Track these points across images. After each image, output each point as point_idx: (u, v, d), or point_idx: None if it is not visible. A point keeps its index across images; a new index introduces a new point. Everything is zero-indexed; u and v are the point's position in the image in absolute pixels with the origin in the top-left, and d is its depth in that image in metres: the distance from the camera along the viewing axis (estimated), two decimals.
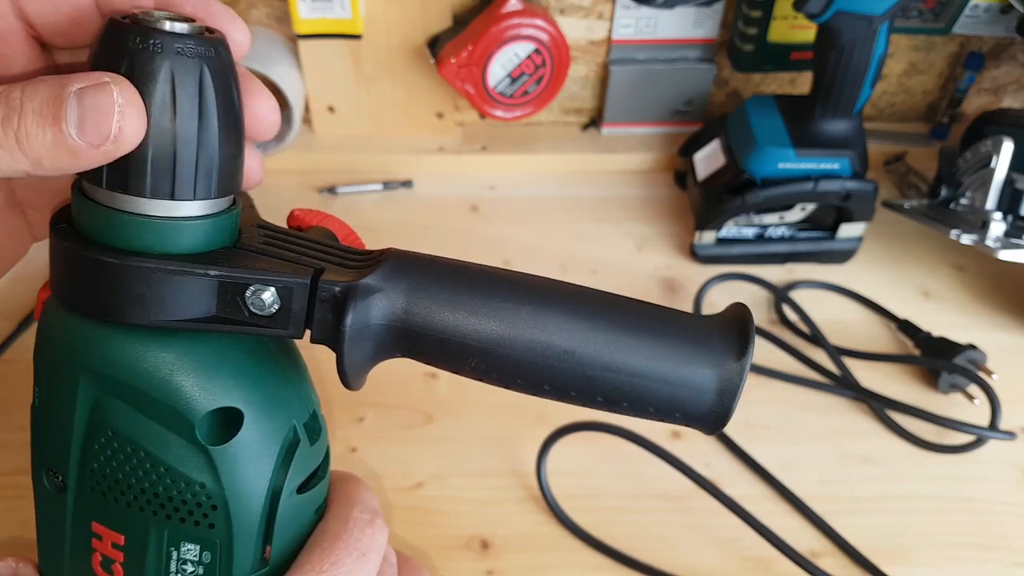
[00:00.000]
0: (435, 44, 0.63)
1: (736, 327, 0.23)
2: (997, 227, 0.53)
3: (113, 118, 0.19)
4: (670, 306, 0.24)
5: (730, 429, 0.50)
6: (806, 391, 0.53)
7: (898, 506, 0.47)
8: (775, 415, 0.51)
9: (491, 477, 0.47)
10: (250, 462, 0.23)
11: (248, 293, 0.21)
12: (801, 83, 0.71)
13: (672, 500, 0.46)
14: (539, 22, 0.60)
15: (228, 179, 0.22)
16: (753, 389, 0.53)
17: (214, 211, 0.22)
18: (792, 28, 0.63)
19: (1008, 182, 0.54)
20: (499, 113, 0.64)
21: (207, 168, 0.21)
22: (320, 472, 0.26)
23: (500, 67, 0.61)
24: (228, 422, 0.23)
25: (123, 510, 0.23)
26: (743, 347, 0.22)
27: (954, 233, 0.54)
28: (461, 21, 0.63)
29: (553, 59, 0.62)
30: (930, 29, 0.65)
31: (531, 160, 0.69)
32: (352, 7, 0.59)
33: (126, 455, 0.22)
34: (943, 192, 0.57)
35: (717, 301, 0.58)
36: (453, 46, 0.61)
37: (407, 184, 0.66)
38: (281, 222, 0.26)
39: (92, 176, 0.21)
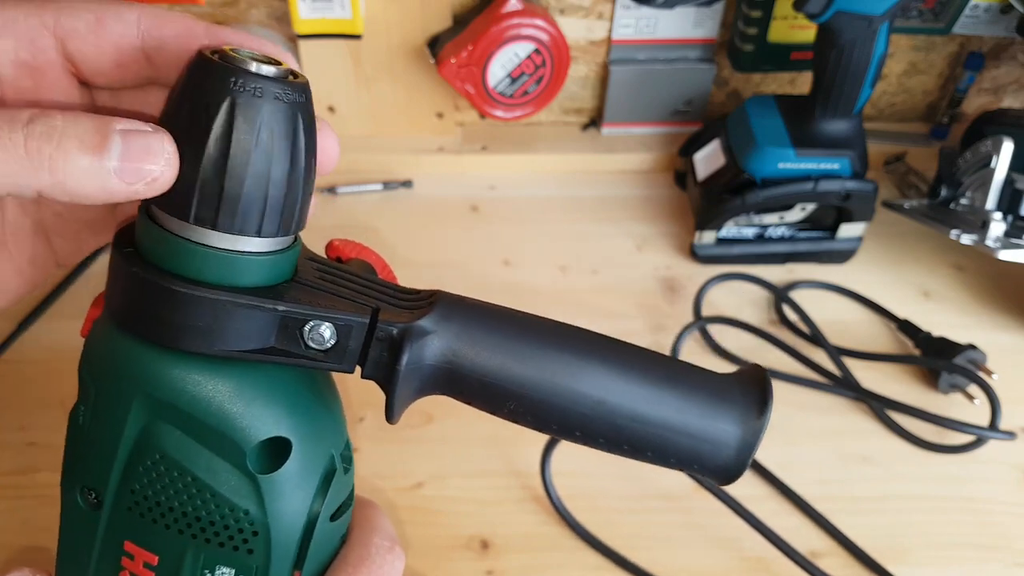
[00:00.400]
0: (435, 44, 0.63)
1: (757, 387, 0.25)
2: (997, 227, 0.53)
3: (160, 162, 0.20)
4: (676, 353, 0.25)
5: None
6: (806, 391, 0.53)
7: (898, 506, 0.47)
8: (775, 415, 0.50)
9: (491, 477, 0.47)
10: (294, 490, 0.24)
11: (307, 328, 0.22)
12: (801, 83, 0.71)
13: (672, 500, 0.46)
14: (539, 22, 0.60)
15: (302, 218, 0.23)
16: None
17: (283, 247, 0.23)
18: (792, 28, 0.63)
19: (1008, 182, 0.54)
20: (499, 113, 0.64)
21: (291, 208, 0.22)
22: (349, 500, 0.27)
23: (500, 67, 0.61)
24: (277, 451, 0.23)
25: (160, 531, 0.23)
26: (763, 407, 0.24)
27: (954, 233, 0.54)
28: (461, 21, 0.63)
29: (553, 59, 0.62)
30: (930, 29, 0.65)
31: (531, 160, 0.69)
32: (352, 7, 0.59)
33: (172, 479, 0.22)
34: (943, 192, 0.57)
35: (717, 301, 0.58)
36: (453, 46, 0.61)
37: (407, 184, 0.66)
38: None
39: (171, 206, 0.21)
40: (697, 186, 0.62)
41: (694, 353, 0.55)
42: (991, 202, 0.54)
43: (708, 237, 0.60)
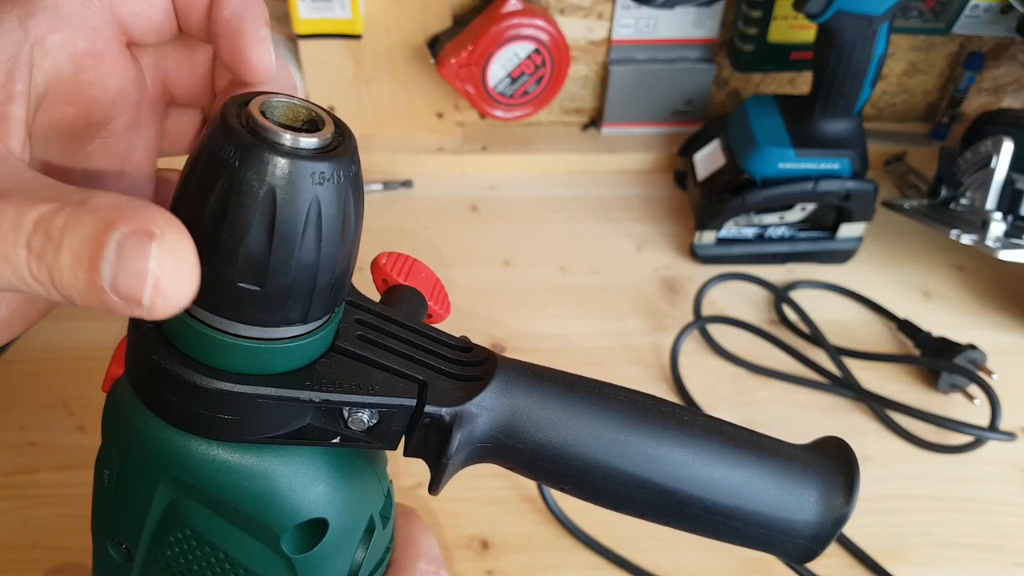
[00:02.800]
0: (435, 44, 0.63)
1: (842, 470, 0.22)
2: (997, 227, 0.53)
3: (146, 287, 0.16)
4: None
5: None
6: (806, 391, 0.53)
7: (898, 506, 0.47)
8: (776, 415, 0.51)
9: (491, 478, 0.47)
10: (330, 563, 0.22)
11: (345, 411, 0.20)
12: (801, 83, 0.71)
13: None
14: (539, 22, 0.60)
15: (344, 295, 0.20)
16: (754, 389, 0.53)
17: (325, 322, 0.20)
18: (792, 28, 0.64)
19: (1008, 182, 0.54)
20: (499, 113, 0.64)
21: (339, 288, 0.19)
22: (388, 549, 0.26)
23: (500, 67, 0.61)
24: (313, 531, 0.22)
25: None
26: (849, 494, 0.22)
27: (954, 233, 0.54)
28: (461, 21, 0.63)
29: (553, 59, 0.62)
30: (930, 29, 0.65)
31: (531, 160, 0.69)
32: (352, 7, 0.59)
33: (203, 553, 0.21)
34: (943, 192, 0.57)
35: (717, 301, 0.58)
36: (453, 46, 0.61)
37: (407, 184, 0.66)
38: None
39: (198, 298, 0.18)
40: (697, 186, 0.62)
41: (694, 352, 0.55)
42: (991, 202, 0.54)
43: (708, 237, 0.60)
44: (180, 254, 0.16)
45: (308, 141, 0.17)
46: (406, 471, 0.47)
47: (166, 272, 0.16)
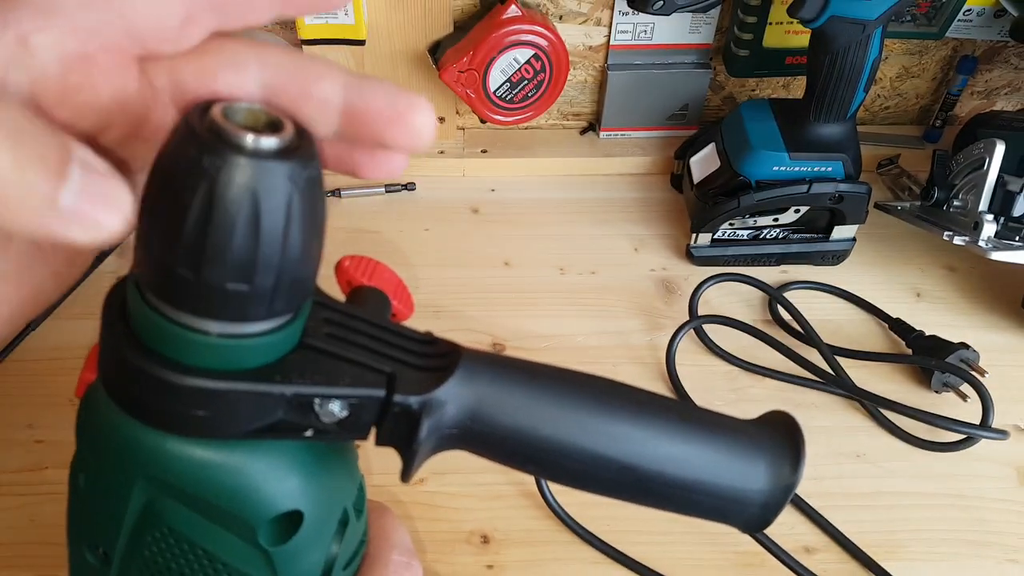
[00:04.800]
0: (436, 50, 0.64)
1: (788, 442, 0.24)
2: (989, 228, 0.54)
3: (116, 216, 0.17)
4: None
5: None
6: (800, 390, 0.54)
7: (891, 502, 0.48)
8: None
9: (491, 473, 0.48)
10: (306, 554, 0.23)
11: (316, 403, 0.21)
12: (795, 87, 0.72)
13: None
14: (538, 28, 0.61)
15: (311, 288, 0.21)
16: (748, 388, 0.54)
17: (292, 319, 0.20)
18: (787, 33, 0.64)
19: (1000, 184, 0.54)
20: (499, 117, 0.65)
21: (304, 284, 0.20)
22: (363, 538, 0.26)
23: (500, 72, 0.62)
24: (289, 523, 0.22)
25: None
26: (796, 464, 0.23)
27: (947, 234, 0.55)
28: (462, 27, 0.64)
29: (552, 64, 0.63)
30: (923, 34, 0.66)
31: (531, 163, 0.69)
32: (356, 13, 0.60)
33: (182, 550, 0.22)
34: (936, 194, 0.58)
35: (712, 301, 0.59)
36: (454, 52, 0.62)
37: (409, 187, 0.67)
38: None
39: (164, 294, 0.18)
40: (693, 189, 0.62)
41: (690, 351, 0.55)
42: (983, 204, 0.55)
43: (704, 239, 0.61)
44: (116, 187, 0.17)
45: (268, 142, 0.17)
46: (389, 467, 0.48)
47: (128, 208, 0.17)
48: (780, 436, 0.24)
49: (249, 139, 0.17)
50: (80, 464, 0.22)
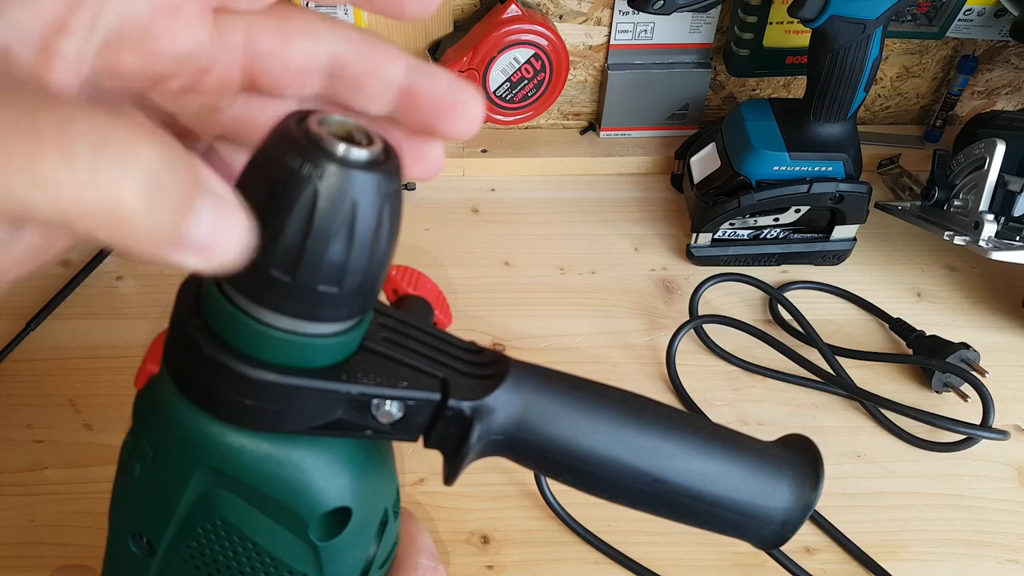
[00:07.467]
0: (436, 49, 0.64)
1: (809, 465, 0.25)
2: (990, 228, 0.54)
3: (234, 246, 0.16)
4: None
5: None
6: (801, 390, 0.54)
7: (892, 503, 0.48)
8: (771, 413, 0.52)
9: (491, 473, 0.48)
10: (350, 552, 0.24)
11: (374, 403, 0.21)
12: (796, 87, 0.72)
13: None
14: (539, 28, 0.61)
15: (378, 294, 0.21)
16: (749, 388, 0.54)
17: (359, 321, 0.21)
18: (787, 33, 0.64)
19: (1001, 184, 0.54)
20: (499, 117, 0.65)
21: (374, 290, 0.20)
22: (395, 541, 0.27)
23: (500, 72, 0.62)
24: (338, 519, 0.23)
25: None
26: (815, 484, 0.24)
27: (947, 234, 0.55)
28: (462, 27, 0.64)
29: (552, 64, 0.63)
30: (924, 33, 0.66)
31: (531, 163, 0.69)
32: (356, 12, 0.60)
33: (232, 542, 0.22)
34: (936, 194, 0.58)
35: (713, 301, 0.59)
36: (454, 51, 0.62)
37: (409, 186, 0.67)
38: None
39: (249, 291, 0.19)
40: (693, 188, 0.62)
41: (690, 351, 0.55)
42: (984, 204, 0.55)
43: (704, 238, 0.61)
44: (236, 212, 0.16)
45: (359, 153, 0.18)
46: (407, 467, 0.48)
47: (246, 237, 0.16)
48: (802, 456, 0.25)
49: (351, 152, 0.18)
50: (137, 454, 0.23)
